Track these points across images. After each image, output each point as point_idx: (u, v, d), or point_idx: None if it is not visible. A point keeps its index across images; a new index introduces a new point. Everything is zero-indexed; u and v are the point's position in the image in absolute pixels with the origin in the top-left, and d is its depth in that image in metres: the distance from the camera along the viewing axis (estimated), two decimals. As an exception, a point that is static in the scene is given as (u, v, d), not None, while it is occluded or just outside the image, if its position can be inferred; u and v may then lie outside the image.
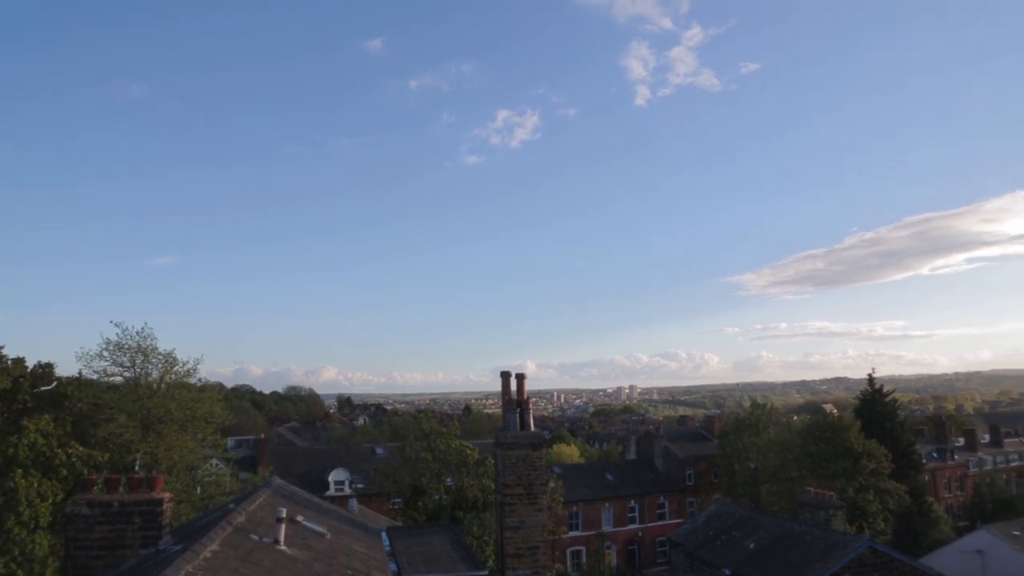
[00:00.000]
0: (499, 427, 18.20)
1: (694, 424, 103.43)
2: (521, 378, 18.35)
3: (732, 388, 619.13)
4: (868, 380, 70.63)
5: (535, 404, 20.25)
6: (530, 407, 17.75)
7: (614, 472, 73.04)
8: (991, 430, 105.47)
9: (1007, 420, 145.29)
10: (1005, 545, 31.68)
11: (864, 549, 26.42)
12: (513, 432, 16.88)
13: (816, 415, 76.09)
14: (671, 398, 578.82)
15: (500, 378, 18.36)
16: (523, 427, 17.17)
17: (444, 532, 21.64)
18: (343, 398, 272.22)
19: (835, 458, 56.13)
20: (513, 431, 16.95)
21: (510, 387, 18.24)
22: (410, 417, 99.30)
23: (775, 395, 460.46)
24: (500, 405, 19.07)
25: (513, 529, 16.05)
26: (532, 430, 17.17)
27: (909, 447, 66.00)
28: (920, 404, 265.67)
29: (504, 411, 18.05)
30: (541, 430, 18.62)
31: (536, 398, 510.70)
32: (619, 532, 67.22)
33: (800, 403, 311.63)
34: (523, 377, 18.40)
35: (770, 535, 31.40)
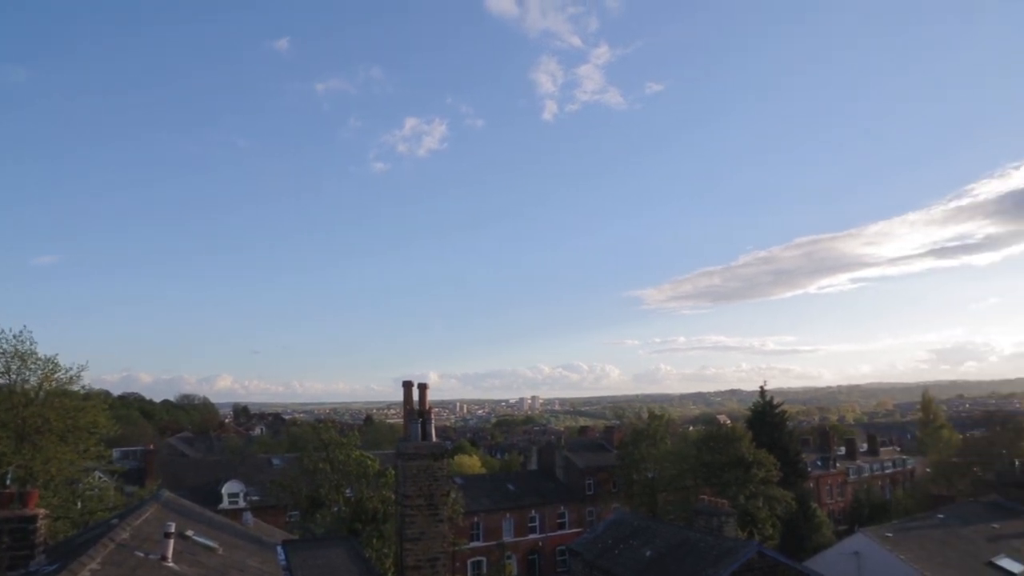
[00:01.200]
0: (400, 437, 17.95)
1: (594, 435, 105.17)
2: (423, 388, 18.17)
3: (632, 399, 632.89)
4: (760, 392, 73.35)
5: (437, 414, 20.10)
6: (432, 417, 17.59)
7: (515, 482, 73.30)
8: (869, 439, 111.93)
9: (883, 430, 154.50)
10: (879, 547, 33.47)
11: (753, 554, 27.38)
12: (415, 442, 16.68)
13: (711, 426, 78.49)
14: (573, 409, 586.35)
15: (402, 388, 18.14)
16: (425, 437, 16.99)
17: (342, 545, 21.14)
18: (239, 407, 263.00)
19: (728, 467, 58.00)
20: (415, 441, 16.75)
21: (412, 397, 18.04)
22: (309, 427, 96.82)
23: (673, 406, 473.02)
24: (402, 415, 18.81)
25: (413, 541, 15.82)
26: (434, 440, 17.01)
27: (796, 456, 68.93)
28: (806, 415, 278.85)
29: (406, 421, 17.83)
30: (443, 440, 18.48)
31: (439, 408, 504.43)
32: (520, 542, 67.43)
33: (696, 414, 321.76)
34: (425, 387, 18.23)
35: (666, 543, 32.14)
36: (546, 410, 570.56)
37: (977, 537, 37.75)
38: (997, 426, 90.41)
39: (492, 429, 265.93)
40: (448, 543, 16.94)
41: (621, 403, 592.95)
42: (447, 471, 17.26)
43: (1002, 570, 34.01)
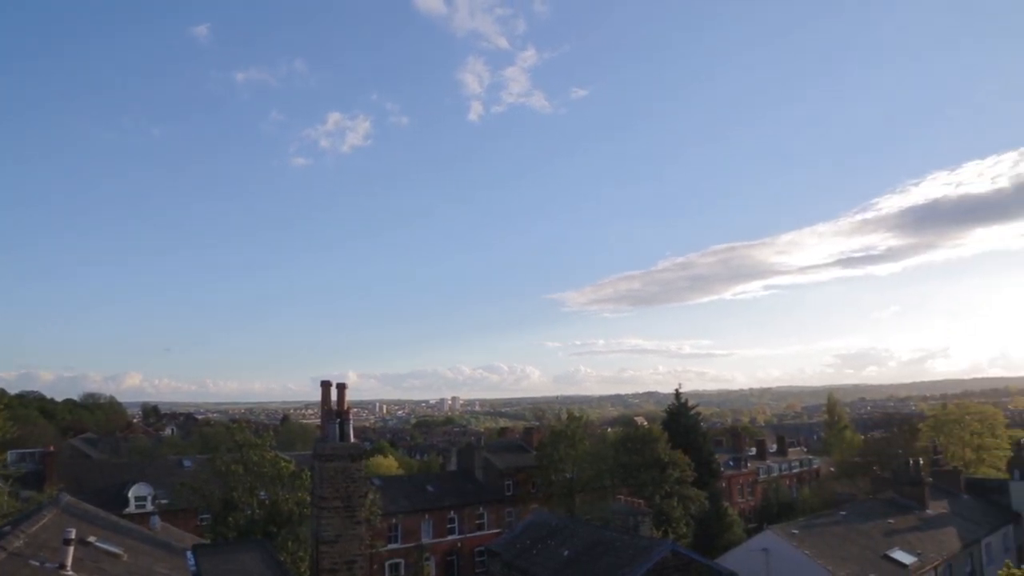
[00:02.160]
0: (318, 438, 17.64)
1: (514, 436, 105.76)
2: (342, 388, 17.91)
3: (552, 401, 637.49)
4: (675, 395, 75.05)
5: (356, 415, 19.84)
6: (350, 418, 17.36)
7: (435, 483, 72.93)
8: (778, 440, 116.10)
9: (791, 431, 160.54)
10: (786, 543, 34.77)
11: (667, 552, 28.03)
12: (332, 443, 16.42)
13: (628, 427, 79.98)
14: (493, 410, 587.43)
15: (320, 388, 17.83)
16: (343, 438, 16.75)
17: (256, 549, 20.63)
18: (148, 407, 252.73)
19: (645, 468, 59.15)
20: (332, 442, 16.49)
21: (330, 397, 17.76)
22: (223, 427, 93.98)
23: (592, 408, 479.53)
24: (320, 415, 18.49)
25: (329, 543, 15.56)
26: (352, 441, 16.78)
27: (710, 457, 70.84)
28: (720, 417, 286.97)
29: (323, 422, 17.53)
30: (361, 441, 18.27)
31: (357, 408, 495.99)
32: (439, 543, 67.11)
33: (614, 416, 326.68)
34: (344, 387, 17.97)
35: (584, 543, 32.55)
36: (466, 411, 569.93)
37: (875, 532, 39.68)
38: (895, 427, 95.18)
39: (412, 430, 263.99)
40: (365, 545, 16.73)
41: (541, 404, 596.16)
42: (364, 472, 17.06)
43: (896, 562, 35.88)
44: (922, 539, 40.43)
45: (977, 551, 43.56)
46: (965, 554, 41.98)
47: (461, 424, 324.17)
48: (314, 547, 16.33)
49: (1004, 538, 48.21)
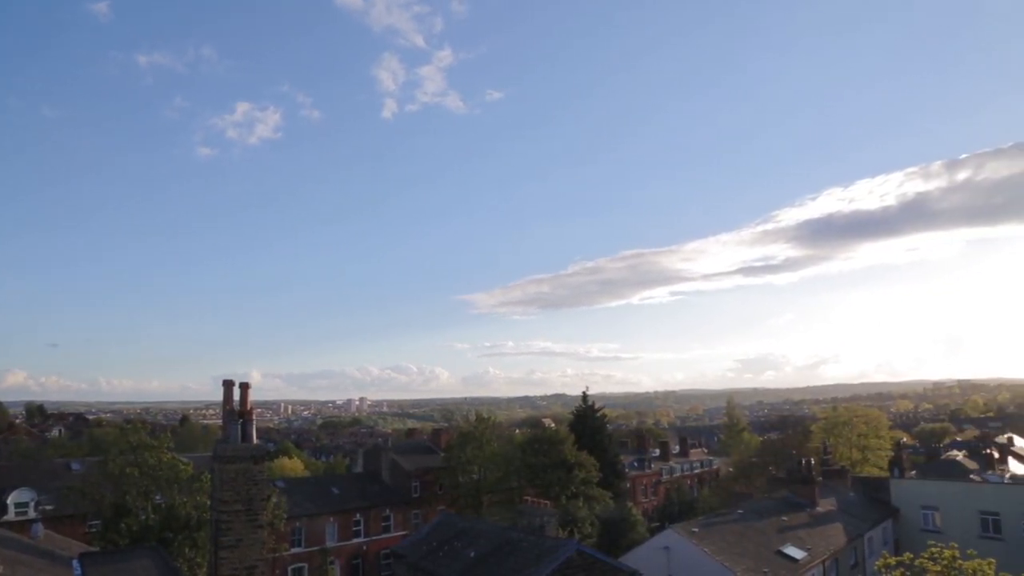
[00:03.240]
0: (218, 439, 17.01)
1: (422, 437, 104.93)
2: (245, 388, 17.34)
3: (460, 402, 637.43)
4: (583, 397, 76.22)
5: (260, 415, 19.25)
6: (253, 418, 16.81)
7: (340, 485, 71.62)
8: (681, 442, 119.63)
9: (693, 433, 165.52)
10: (686, 541, 35.76)
11: (572, 552, 28.34)
12: (233, 444, 15.86)
13: (536, 429, 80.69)
14: (401, 411, 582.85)
15: (222, 387, 17.21)
16: (245, 439, 16.20)
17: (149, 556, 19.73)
18: (33, 406, 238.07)
19: (551, 469, 59.81)
20: (233, 443, 15.92)
21: (232, 397, 17.15)
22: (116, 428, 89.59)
23: (500, 409, 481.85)
24: (221, 416, 17.81)
25: (229, 548, 15.01)
26: (254, 442, 16.25)
27: (615, 458, 72.24)
28: (626, 419, 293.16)
29: (225, 422, 16.91)
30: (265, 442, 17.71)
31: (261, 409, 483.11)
32: (343, 547, 65.93)
33: (523, 417, 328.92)
34: (247, 386, 17.40)
35: (490, 544, 32.58)
36: (374, 412, 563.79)
37: (769, 529, 41.31)
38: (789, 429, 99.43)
39: (318, 431, 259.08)
40: (267, 549, 16.26)
41: (450, 405, 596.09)
42: (267, 474, 16.56)
43: (788, 557, 37.49)
44: (812, 535, 42.34)
45: (861, 545, 45.97)
46: (850, 548, 44.25)
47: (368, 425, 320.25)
48: (213, 552, 15.72)
49: (884, 531, 51.08)
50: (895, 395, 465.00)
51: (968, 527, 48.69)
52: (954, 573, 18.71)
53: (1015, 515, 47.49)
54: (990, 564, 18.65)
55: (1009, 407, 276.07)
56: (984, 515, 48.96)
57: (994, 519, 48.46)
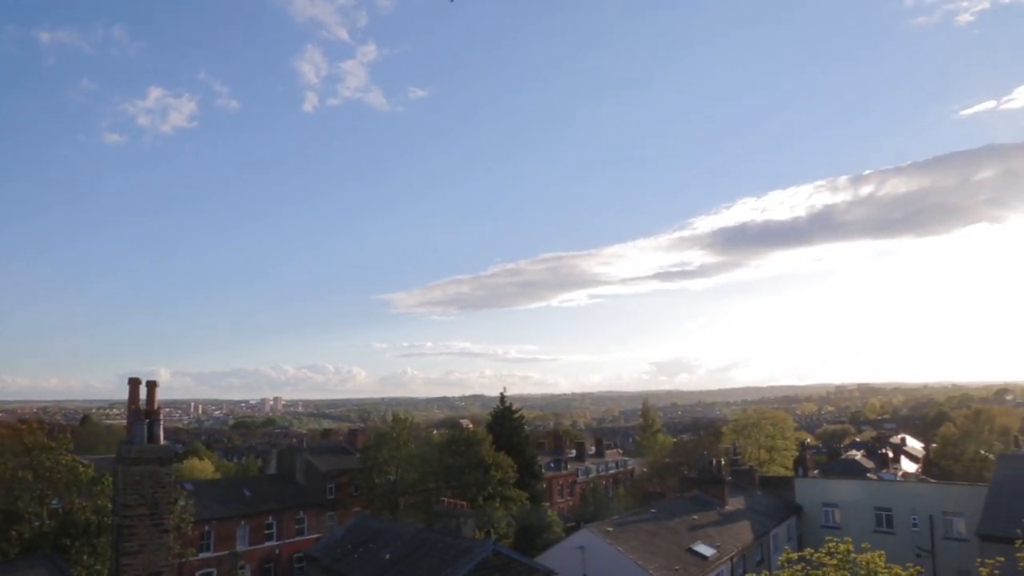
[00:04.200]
0: (123, 440, 16.35)
1: (338, 438, 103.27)
2: (152, 386, 16.74)
3: (378, 402, 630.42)
4: (501, 398, 76.46)
5: (168, 415, 18.61)
6: (160, 418, 16.24)
7: (252, 487, 69.78)
8: (597, 443, 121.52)
9: (609, 434, 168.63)
10: (601, 540, 36.35)
11: (488, 553, 28.40)
12: (139, 445, 15.28)
13: (454, 430, 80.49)
14: (317, 411, 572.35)
15: (128, 385, 16.56)
16: (151, 440, 15.63)
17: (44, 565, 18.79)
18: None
19: (469, 470, 59.77)
20: (139, 444, 15.34)
21: (138, 395, 16.53)
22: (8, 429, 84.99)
23: (418, 410, 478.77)
24: (126, 416, 17.14)
25: (132, 555, 14.44)
26: (162, 443, 15.70)
27: (532, 459, 72.67)
28: (543, 420, 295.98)
29: (130, 422, 16.28)
30: (173, 443, 17.14)
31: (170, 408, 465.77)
32: (255, 550, 64.26)
33: (441, 418, 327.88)
34: (155, 385, 16.81)
35: (406, 545, 32.33)
36: (289, 412, 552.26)
37: (681, 528, 42.43)
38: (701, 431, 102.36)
39: (230, 431, 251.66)
40: (173, 554, 15.72)
41: (367, 406, 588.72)
42: (174, 476, 16.03)
43: (698, 555, 38.60)
44: (721, 533, 43.70)
45: (766, 541, 47.72)
46: (757, 545, 45.88)
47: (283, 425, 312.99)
48: (114, 559, 15.11)
49: (788, 528, 53.16)
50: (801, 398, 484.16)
51: (864, 522, 51.25)
52: (849, 566, 19.63)
53: (906, 510, 50.28)
54: (880, 556, 19.65)
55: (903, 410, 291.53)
56: (879, 511, 51.61)
57: (887, 514, 51.17)
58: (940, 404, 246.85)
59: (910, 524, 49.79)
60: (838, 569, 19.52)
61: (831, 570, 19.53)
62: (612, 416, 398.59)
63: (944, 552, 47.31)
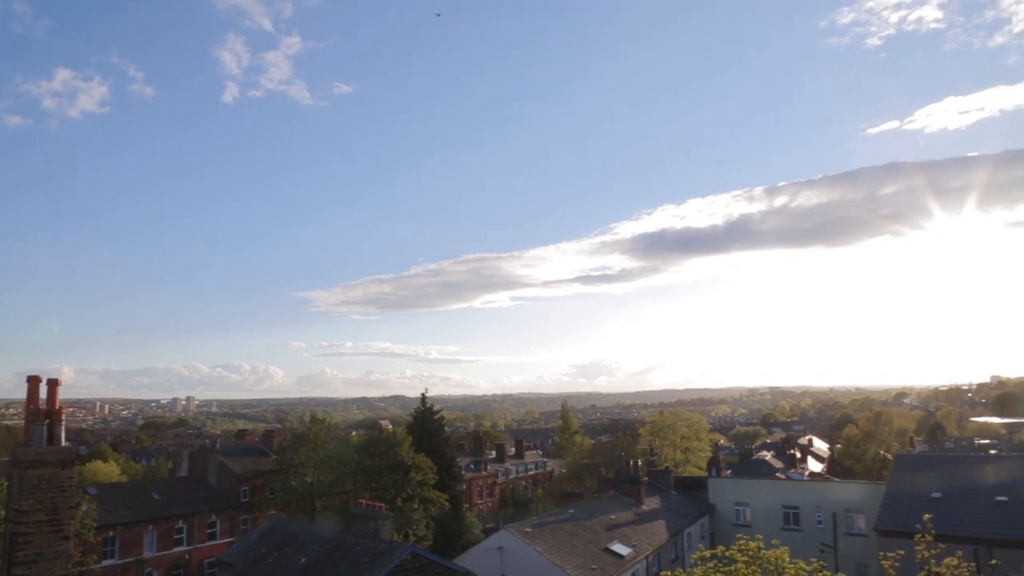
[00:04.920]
0: (19, 442, 15.48)
1: (253, 439, 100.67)
2: (53, 384, 15.89)
3: (295, 403, 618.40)
4: (421, 399, 76.04)
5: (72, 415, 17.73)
6: (62, 418, 15.43)
7: (161, 491, 67.28)
8: (517, 444, 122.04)
9: (529, 435, 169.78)
10: (519, 541, 36.53)
11: (407, 555, 28.15)
12: (37, 447, 14.47)
13: (373, 431, 79.60)
14: (232, 411, 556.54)
15: (27, 383, 15.69)
16: (52, 441, 14.83)
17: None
18: None
19: (388, 471, 59.17)
20: (37, 446, 14.54)
21: (38, 394, 15.69)
22: None
23: (337, 411, 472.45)
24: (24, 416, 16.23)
25: (27, 565, 13.65)
26: (63, 445, 14.93)
27: (452, 460, 72.48)
28: (463, 421, 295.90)
29: (28, 423, 15.42)
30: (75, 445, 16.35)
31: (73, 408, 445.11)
32: (164, 556, 61.94)
33: (360, 419, 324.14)
34: (56, 383, 15.96)
35: (322, 548, 31.75)
36: (202, 412, 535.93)
37: (598, 527, 43.02)
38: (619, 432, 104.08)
39: (138, 432, 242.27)
40: (73, 563, 14.95)
41: (284, 406, 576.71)
42: (77, 480, 15.25)
43: (615, 554, 39.23)
44: (637, 532, 44.54)
45: (681, 540, 48.91)
46: (671, 543, 46.94)
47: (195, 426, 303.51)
48: (5, 570, 14.26)
49: (702, 527, 54.63)
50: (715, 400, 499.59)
51: (773, 520, 53.15)
52: (758, 562, 20.31)
53: (811, 508, 52.42)
54: (785, 552, 20.41)
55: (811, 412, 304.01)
56: (786, 509, 53.63)
57: (794, 512, 53.21)
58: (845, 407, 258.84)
59: (815, 521, 51.90)
60: (748, 565, 20.17)
61: (742, 566, 20.15)
62: (532, 417, 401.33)
63: (846, 547, 49.51)
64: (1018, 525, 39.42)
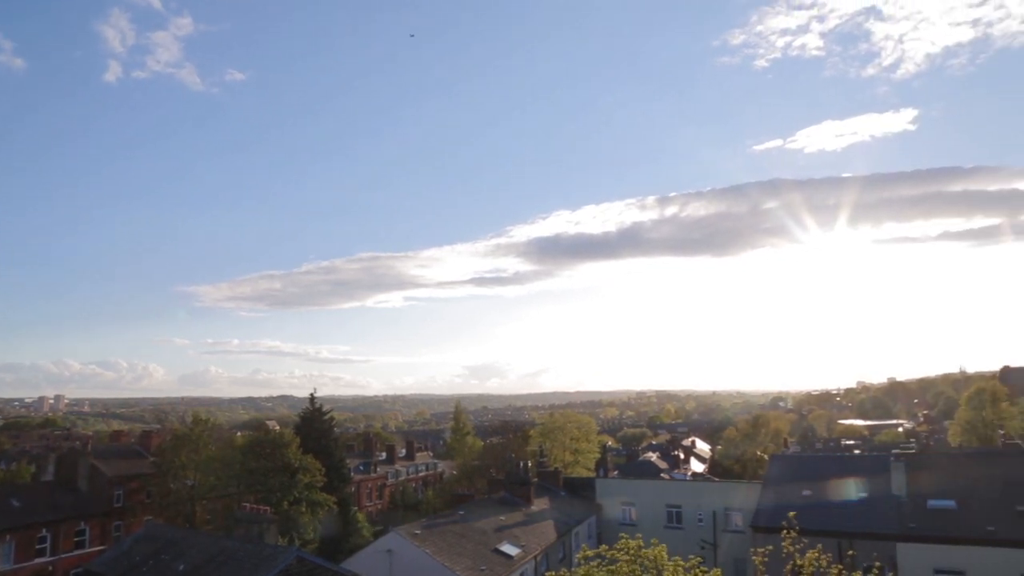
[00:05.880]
0: None
1: (129, 440, 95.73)
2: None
3: (177, 402, 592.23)
4: (310, 399, 74.60)
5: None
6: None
7: (22, 496, 62.83)
8: (408, 445, 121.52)
9: (420, 436, 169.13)
10: (408, 543, 36.38)
11: (292, 560, 27.59)
12: None
13: (259, 431, 77.34)
14: (107, 411, 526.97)
15: None
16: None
17: None
18: None
19: (274, 473, 57.69)
20: None
21: None
22: None
23: (221, 411, 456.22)
24: None
25: None
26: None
27: (341, 461, 71.38)
28: (354, 422, 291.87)
29: None
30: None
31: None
32: (22, 568, 57.81)
33: (245, 419, 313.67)
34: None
35: (202, 554, 30.64)
36: (73, 412, 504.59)
37: (488, 528, 43.34)
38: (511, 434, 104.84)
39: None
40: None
41: (164, 405, 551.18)
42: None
43: (504, 554, 39.66)
44: (526, 532, 45.14)
45: (569, 539, 49.88)
46: (559, 543, 47.83)
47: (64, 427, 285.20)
48: None
49: (589, 526, 55.88)
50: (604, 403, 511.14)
51: (657, 519, 55.05)
52: (639, 560, 21.05)
53: (693, 507, 54.66)
54: (663, 549, 21.23)
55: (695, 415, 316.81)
56: (670, 508, 55.62)
57: (677, 511, 55.28)
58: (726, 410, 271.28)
59: (696, 519, 54.12)
60: (630, 564, 20.86)
61: (623, 565, 20.82)
62: (424, 419, 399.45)
63: (724, 544, 51.88)
64: (873, 519, 42.66)
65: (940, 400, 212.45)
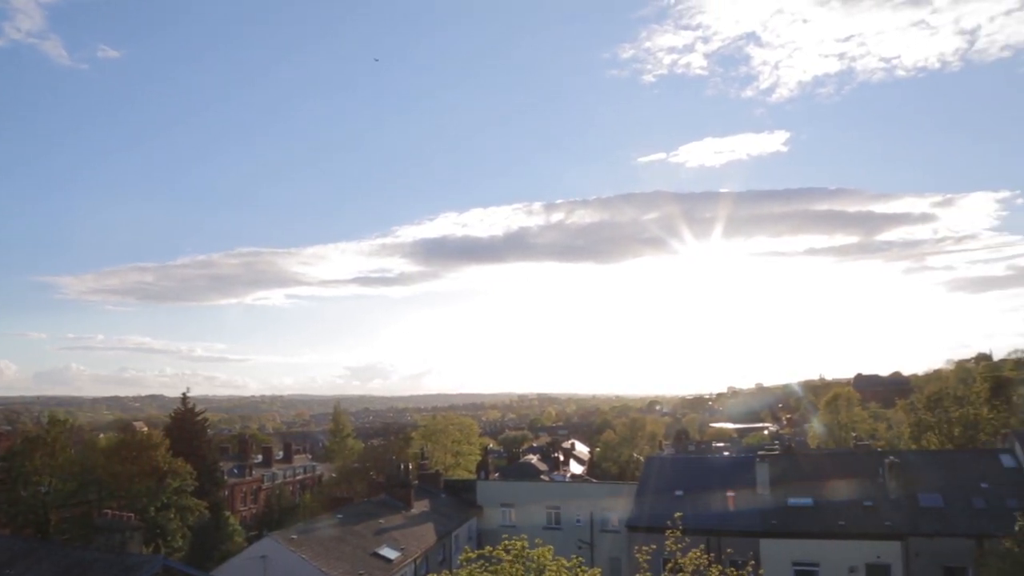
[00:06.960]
0: None
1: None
2: None
3: (31, 402, 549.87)
4: (182, 399, 71.64)
5: None
6: None
7: None
8: (285, 447, 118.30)
9: (298, 438, 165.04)
10: (284, 548, 35.36)
11: (158, 568, 26.31)
12: None
13: (124, 433, 73.30)
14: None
15: None
16: None
17: None
18: None
19: (140, 477, 54.87)
20: None
21: None
22: None
23: (83, 411, 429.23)
24: None
25: None
26: None
27: (214, 464, 68.79)
28: (229, 423, 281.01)
29: None
30: None
31: None
32: None
33: (110, 420, 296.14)
34: None
35: (56, 567, 28.63)
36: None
37: (367, 532, 42.75)
38: (392, 436, 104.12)
39: None
40: None
41: (16, 405, 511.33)
42: None
43: (383, 558, 39.30)
44: (406, 535, 44.78)
45: (449, 542, 49.89)
46: (440, 545, 47.74)
47: None
48: None
49: (469, 528, 56.10)
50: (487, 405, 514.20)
51: (537, 520, 55.83)
52: (522, 560, 21.28)
53: (571, 508, 55.90)
54: (549, 550, 21.54)
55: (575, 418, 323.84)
56: (549, 509, 56.63)
57: (556, 512, 56.38)
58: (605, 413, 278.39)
59: (575, 520, 55.36)
60: (513, 564, 21.05)
61: (507, 565, 20.99)
62: (303, 420, 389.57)
63: (601, 543, 53.30)
64: (739, 517, 45.05)
65: (802, 404, 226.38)
